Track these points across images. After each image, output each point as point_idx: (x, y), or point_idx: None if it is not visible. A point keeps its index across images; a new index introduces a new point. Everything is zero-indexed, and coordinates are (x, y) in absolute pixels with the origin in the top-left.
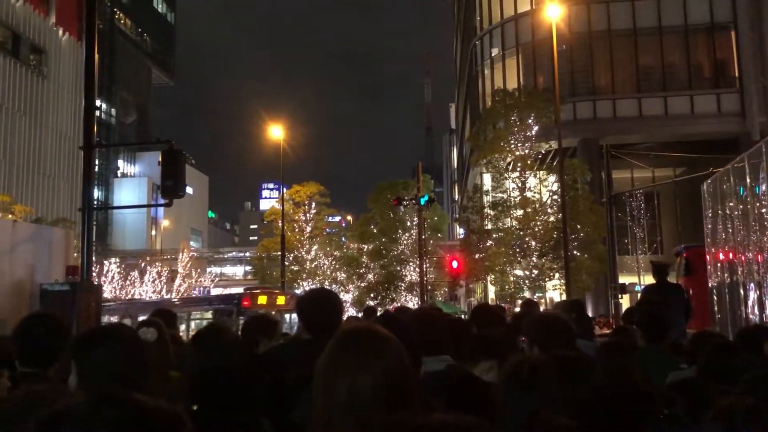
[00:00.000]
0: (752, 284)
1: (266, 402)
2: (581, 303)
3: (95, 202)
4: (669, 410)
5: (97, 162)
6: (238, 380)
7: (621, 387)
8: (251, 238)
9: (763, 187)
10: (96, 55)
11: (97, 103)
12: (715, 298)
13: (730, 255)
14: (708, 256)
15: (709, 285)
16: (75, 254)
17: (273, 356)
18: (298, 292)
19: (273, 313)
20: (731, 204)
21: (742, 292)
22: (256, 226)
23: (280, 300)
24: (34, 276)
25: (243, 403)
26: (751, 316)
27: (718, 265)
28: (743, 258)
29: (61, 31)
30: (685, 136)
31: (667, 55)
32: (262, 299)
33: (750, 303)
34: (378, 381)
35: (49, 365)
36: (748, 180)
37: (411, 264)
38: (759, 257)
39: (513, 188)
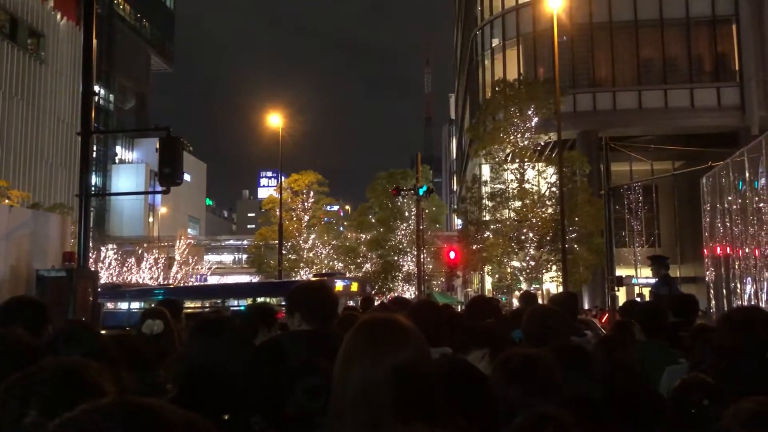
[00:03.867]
0: (749, 278)
1: (264, 393)
2: (575, 296)
3: (93, 189)
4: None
5: (95, 148)
6: (229, 377)
7: (627, 385)
8: (249, 226)
9: (762, 182)
10: (94, 41)
11: (96, 88)
12: (712, 292)
13: (728, 249)
14: (706, 250)
15: (706, 279)
16: (72, 240)
17: (272, 347)
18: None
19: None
20: (730, 198)
21: (738, 285)
22: (253, 215)
23: (353, 287)
24: (31, 262)
25: (228, 399)
26: None
27: (716, 259)
28: (740, 252)
29: (59, 16)
30: (685, 130)
31: (668, 48)
32: (339, 286)
33: (746, 297)
34: (393, 374)
35: None
36: (747, 174)
37: (408, 254)
38: (756, 252)
39: (512, 179)
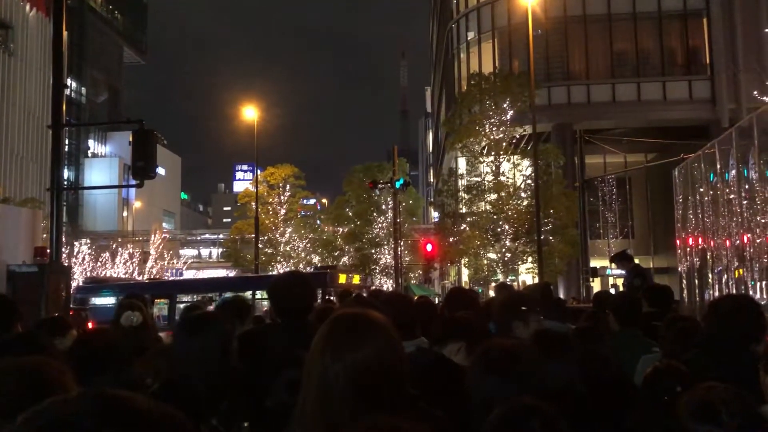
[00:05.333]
0: (720, 268)
1: (239, 387)
2: (548, 285)
3: (65, 183)
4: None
5: (67, 141)
6: (206, 375)
7: (601, 375)
8: (224, 220)
9: (733, 173)
10: (65, 32)
11: (67, 81)
12: (684, 282)
13: (700, 240)
14: (678, 241)
15: (679, 269)
16: (44, 235)
17: (246, 341)
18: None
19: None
20: (701, 190)
21: (710, 276)
22: (229, 208)
23: (356, 279)
24: (1, 257)
25: (206, 398)
26: None
27: (688, 250)
28: (712, 243)
29: (28, 7)
30: (657, 122)
31: (641, 41)
32: (342, 277)
33: (718, 287)
34: (352, 370)
35: None
36: (719, 166)
37: (386, 247)
38: (727, 242)
39: (487, 172)
